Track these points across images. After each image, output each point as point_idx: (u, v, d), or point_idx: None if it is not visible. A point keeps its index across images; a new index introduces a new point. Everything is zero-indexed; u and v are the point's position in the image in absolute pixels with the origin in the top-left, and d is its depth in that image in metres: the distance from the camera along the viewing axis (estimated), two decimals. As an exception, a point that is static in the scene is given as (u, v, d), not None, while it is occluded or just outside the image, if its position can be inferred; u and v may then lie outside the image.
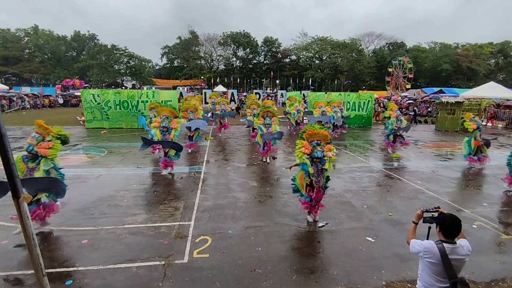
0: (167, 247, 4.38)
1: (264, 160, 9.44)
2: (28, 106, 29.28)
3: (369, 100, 19.14)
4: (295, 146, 5.26)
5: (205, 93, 25.85)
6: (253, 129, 12.01)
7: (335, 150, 5.21)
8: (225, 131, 15.16)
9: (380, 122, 21.73)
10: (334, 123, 13.93)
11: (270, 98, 32.27)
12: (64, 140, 4.96)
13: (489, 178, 8.29)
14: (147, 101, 16.93)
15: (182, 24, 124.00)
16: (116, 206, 5.90)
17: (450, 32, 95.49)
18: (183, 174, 8.09)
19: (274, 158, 9.70)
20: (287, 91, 43.09)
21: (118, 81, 58.09)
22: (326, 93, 20.63)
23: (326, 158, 4.97)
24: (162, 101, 17.64)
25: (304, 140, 5.13)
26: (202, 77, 59.37)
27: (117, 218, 5.32)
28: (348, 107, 18.61)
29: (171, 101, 17.73)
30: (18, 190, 1.74)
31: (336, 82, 60.39)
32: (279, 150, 11.58)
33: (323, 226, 5.13)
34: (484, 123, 20.22)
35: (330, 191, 6.96)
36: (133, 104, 17.12)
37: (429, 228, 2.54)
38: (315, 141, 5.05)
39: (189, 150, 10.48)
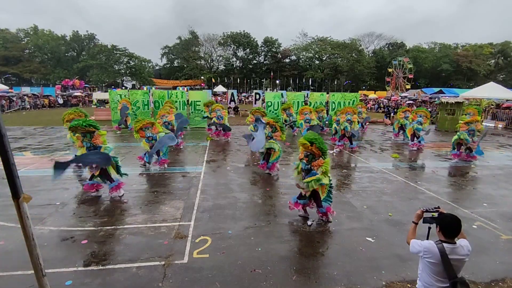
0: (167, 247, 4.38)
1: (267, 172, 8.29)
2: (28, 106, 29.29)
3: (354, 100, 19.05)
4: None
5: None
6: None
7: (327, 170, 4.91)
8: (228, 139, 13.47)
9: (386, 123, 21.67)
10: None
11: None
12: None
13: (489, 178, 8.29)
14: (176, 101, 17.15)
15: (182, 24, 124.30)
16: (116, 206, 5.90)
17: (451, 32, 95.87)
18: (183, 174, 8.09)
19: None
20: (287, 91, 43.08)
21: (118, 81, 58.12)
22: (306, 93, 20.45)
23: (315, 171, 4.96)
24: (191, 101, 17.93)
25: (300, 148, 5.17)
26: (202, 77, 59.39)
27: (117, 218, 5.32)
28: (333, 107, 18.01)
29: (200, 101, 17.87)
30: (18, 190, 1.74)
31: (336, 82, 60.43)
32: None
33: (311, 224, 5.17)
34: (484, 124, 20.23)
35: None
36: (163, 104, 17.33)
37: (429, 228, 2.55)
38: (305, 152, 5.03)
39: (165, 165, 8.72)
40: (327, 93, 22.38)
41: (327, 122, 16.14)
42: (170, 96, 17.67)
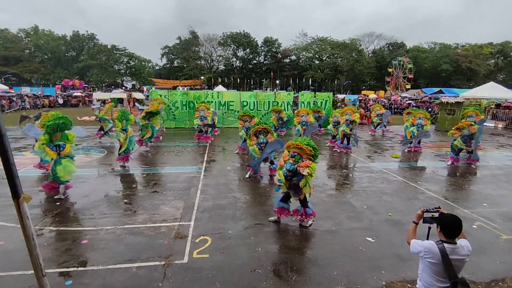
0: (167, 247, 4.38)
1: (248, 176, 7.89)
2: (28, 106, 29.26)
3: (326, 100, 18.86)
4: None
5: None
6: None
7: (315, 168, 4.63)
8: (207, 141, 12.70)
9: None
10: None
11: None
12: None
13: (489, 178, 8.29)
14: (211, 101, 17.37)
15: (183, 24, 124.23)
16: (116, 206, 5.90)
17: (451, 32, 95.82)
18: (183, 174, 8.09)
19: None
20: (287, 91, 43.05)
21: (118, 81, 58.11)
22: (275, 92, 20.32)
23: (302, 173, 4.59)
24: (225, 102, 18.06)
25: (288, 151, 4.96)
26: (202, 77, 59.36)
27: (117, 218, 5.32)
28: (302, 107, 17.56)
29: (233, 101, 18.01)
30: (18, 190, 1.74)
31: (336, 83, 60.40)
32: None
33: (311, 224, 5.12)
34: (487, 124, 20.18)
35: (330, 191, 6.98)
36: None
37: (429, 228, 2.54)
38: (291, 153, 4.83)
39: (123, 163, 8.65)
40: (296, 93, 22.22)
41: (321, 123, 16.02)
42: (206, 96, 17.86)
